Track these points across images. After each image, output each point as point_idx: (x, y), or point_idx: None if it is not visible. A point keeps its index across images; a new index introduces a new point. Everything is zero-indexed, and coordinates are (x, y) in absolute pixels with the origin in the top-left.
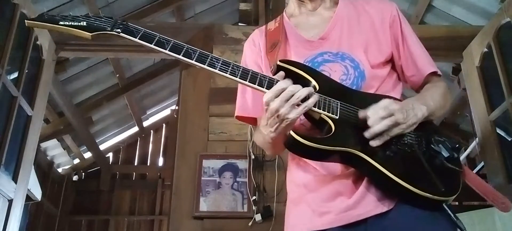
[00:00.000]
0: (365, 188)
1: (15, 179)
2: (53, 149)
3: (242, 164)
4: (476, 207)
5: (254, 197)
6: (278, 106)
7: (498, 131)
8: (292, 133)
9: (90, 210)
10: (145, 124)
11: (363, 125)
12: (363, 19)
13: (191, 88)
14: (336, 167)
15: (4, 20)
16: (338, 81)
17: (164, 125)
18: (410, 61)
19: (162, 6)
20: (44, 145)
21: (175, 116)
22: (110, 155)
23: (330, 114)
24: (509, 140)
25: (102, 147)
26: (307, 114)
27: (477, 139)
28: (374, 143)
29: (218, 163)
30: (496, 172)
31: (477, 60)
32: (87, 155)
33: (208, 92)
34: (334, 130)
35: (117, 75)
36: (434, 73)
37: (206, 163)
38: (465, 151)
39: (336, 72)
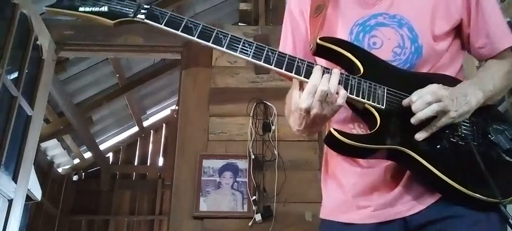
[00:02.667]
0: (405, 184)
1: (15, 179)
2: (53, 149)
3: (242, 164)
4: None
5: (254, 197)
6: (309, 106)
7: None
8: (332, 130)
9: (90, 210)
10: (145, 124)
11: (410, 112)
12: None
13: (191, 88)
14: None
15: (4, 20)
16: (391, 53)
17: (164, 125)
18: (482, 30)
19: (162, 6)
20: (44, 145)
21: (175, 116)
22: (110, 155)
23: (375, 104)
24: None
25: (102, 147)
26: (350, 103)
27: None
28: (420, 136)
29: (218, 163)
30: None
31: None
32: (87, 155)
33: (208, 92)
34: (379, 123)
35: (117, 75)
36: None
37: (206, 163)
38: None
39: (390, 41)
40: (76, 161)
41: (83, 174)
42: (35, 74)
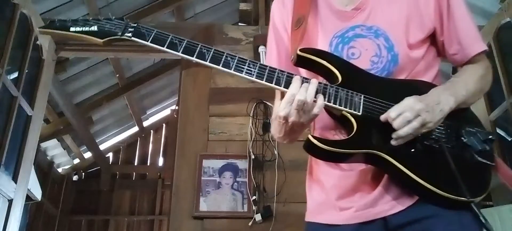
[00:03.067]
0: (384, 186)
1: (15, 179)
2: (53, 149)
3: (242, 164)
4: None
5: (254, 197)
6: (287, 114)
7: (498, 131)
8: (310, 137)
9: (90, 210)
10: (145, 124)
11: (387, 122)
12: None
13: (191, 88)
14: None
15: (4, 20)
16: (369, 62)
17: (164, 125)
18: (454, 37)
19: (162, 6)
20: (44, 145)
21: (175, 116)
22: (110, 155)
23: (351, 111)
24: (509, 140)
25: (102, 147)
26: (330, 111)
27: None
28: (396, 142)
29: (218, 163)
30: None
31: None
32: (87, 155)
33: (208, 92)
34: (356, 129)
35: (117, 75)
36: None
37: (206, 163)
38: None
39: (367, 51)
40: (76, 161)
41: (83, 174)
42: (35, 74)
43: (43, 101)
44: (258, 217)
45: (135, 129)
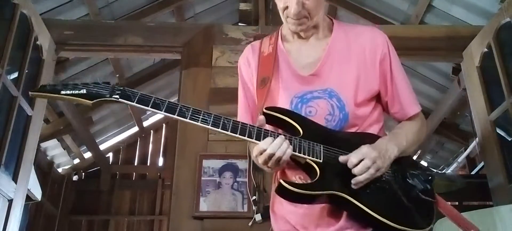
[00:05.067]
0: (344, 219)
1: (15, 179)
2: (53, 149)
3: (242, 164)
4: (476, 207)
5: (254, 197)
6: (263, 162)
7: (498, 131)
8: (281, 181)
9: (90, 210)
10: (145, 124)
11: (345, 166)
12: (354, 53)
13: (191, 88)
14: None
15: (4, 20)
16: (323, 120)
17: (164, 125)
18: (396, 100)
19: (162, 6)
20: (44, 145)
21: None
22: (110, 155)
23: (314, 159)
24: (509, 140)
25: (102, 147)
26: (294, 159)
27: (477, 139)
28: (356, 186)
29: (218, 163)
30: (496, 172)
31: (477, 60)
32: (87, 155)
33: (208, 92)
34: (319, 174)
35: (117, 75)
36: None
37: (206, 163)
38: (465, 150)
39: (322, 109)
40: (76, 161)
41: (83, 174)
42: (35, 74)
43: (43, 101)
44: (258, 217)
45: (135, 129)
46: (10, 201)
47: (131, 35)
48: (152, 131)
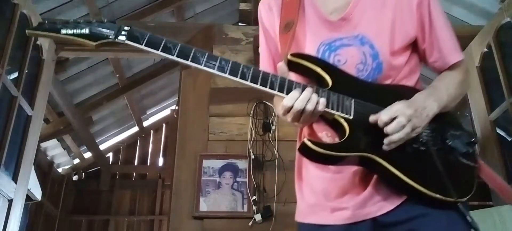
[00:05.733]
0: (374, 186)
1: (15, 179)
2: (53, 149)
3: (242, 164)
4: (476, 207)
5: (254, 197)
6: (292, 119)
7: (498, 131)
8: (305, 140)
9: (90, 210)
10: (145, 124)
11: (377, 125)
12: None
13: (191, 88)
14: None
15: (4, 20)
16: (354, 69)
17: (164, 125)
18: (435, 47)
19: (162, 6)
20: (44, 145)
21: (175, 116)
22: (110, 155)
23: (343, 115)
24: (509, 140)
25: (102, 147)
26: (321, 115)
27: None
28: (388, 147)
29: (218, 163)
30: (496, 172)
31: (477, 60)
32: (87, 155)
33: (208, 92)
34: (349, 132)
35: (117, 75)
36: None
37: (206, 163)
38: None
39: (353, 58)
40: (76, 161)
41: (83, 174)
42: (35, 74)
43: (43, 101)
44: (258, 217)
45: (135, 129)
46: (10, 201)
47: None
48: (152, 131)
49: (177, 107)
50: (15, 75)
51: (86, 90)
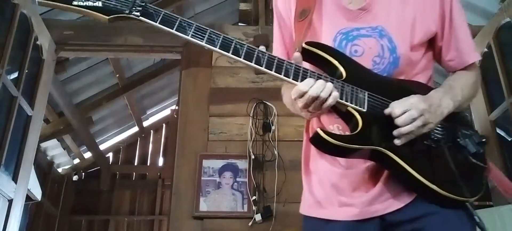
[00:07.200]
0: (383, 184)
1: (15, 179)
2: (53, 149)
3: (242, 164)
4: (476, 207)
5: (254, 197)
6: (303, 106)
7: (498, 131)
8: (318, 130)
9: (90, 210)
10: (145, 124)
11: (390, 119)
12: None
13: (191, 88)
14: (353, 159)
15: (4, 20)
16: (371, 62)
17: (164, 125)
18: (452, 45)
19: (162, 6)
20: (44, 145)
21: (175, 116)
22: (110, 155)
23: (357, 107)
24: (509, 140)
25: (102, 147)
26: (334, 106)
27: None
28: (399, 142)
29: (218, 163)
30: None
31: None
32: (87, 155)
33: (208, 92)
34: (361, 125)
35: (117, 75)
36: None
37: (206, 163)
38: None
39: (371, 49)
40: (76, 161)
41: (83, 174)
42: (35, 74)
43: (43, 101)
44: (258, 217)
45: (135, 129)
46: (10, 201)
47: (131, 35)
48: (152, 131)
49: (177, 107)
50: (15, 75)
51: (86, 90)
